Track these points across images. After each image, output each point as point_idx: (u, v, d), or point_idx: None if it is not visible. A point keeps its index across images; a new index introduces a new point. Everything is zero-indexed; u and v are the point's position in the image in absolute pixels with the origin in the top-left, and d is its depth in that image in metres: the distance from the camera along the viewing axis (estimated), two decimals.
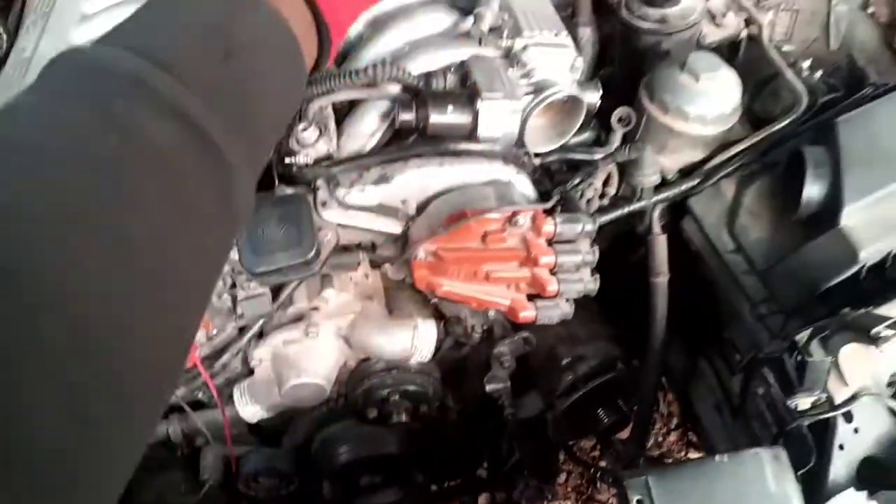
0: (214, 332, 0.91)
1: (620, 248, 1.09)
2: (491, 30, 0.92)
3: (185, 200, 0.36)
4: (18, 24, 1.31)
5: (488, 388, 1.03)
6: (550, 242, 0.84)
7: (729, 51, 1.05)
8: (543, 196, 0.92)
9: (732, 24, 1.03)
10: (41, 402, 0.28)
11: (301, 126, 0.86)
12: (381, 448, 1.08)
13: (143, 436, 0.35)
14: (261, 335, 0.95)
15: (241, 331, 0.94)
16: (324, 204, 0.85)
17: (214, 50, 0.39)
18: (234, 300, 0.91)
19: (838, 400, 0.80)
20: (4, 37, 1.24)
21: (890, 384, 0.82)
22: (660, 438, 1.67)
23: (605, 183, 0.97)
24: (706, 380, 1.04)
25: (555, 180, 0.98)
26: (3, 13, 1.29)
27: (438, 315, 1.00)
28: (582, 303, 0.93)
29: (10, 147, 0.34)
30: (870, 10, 1.04)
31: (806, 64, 0.98)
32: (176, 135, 0.35)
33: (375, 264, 0.95)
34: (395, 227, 0.89)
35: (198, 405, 1.02)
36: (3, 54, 1.22)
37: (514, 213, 0.82)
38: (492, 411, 1.08)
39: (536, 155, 0.94)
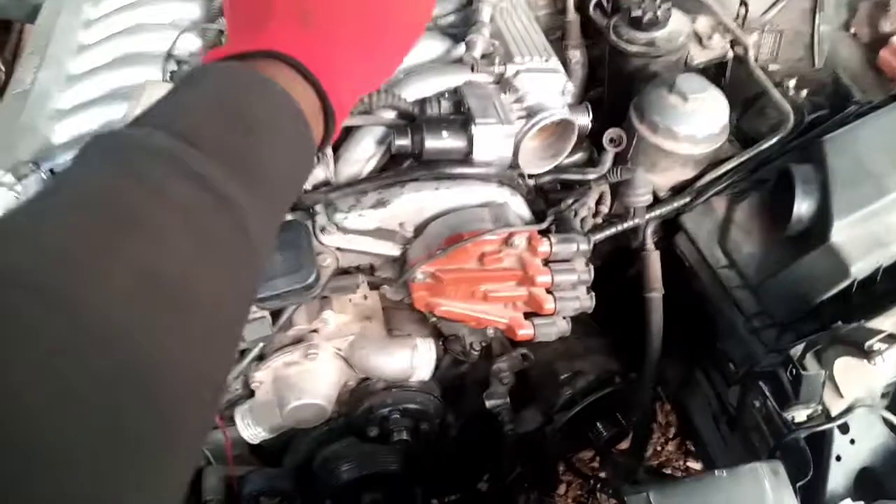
0: None
1: (615, 264, 1.11)
2: (483, 56, 0.95)
3: (208, 243, 0.39)
4: (15, 55, 1.34)
5: (488, 403, 1.04)
6: (546, 262, 0.86)
7: (716, 71, 1.08)
8: (538, 216, 0.94)
9: (718, 46, 1.05)
10: (77, 433, 0.29)
11: None
12: (382, 466, 1.09)
13: (188, 462, 0.37)
14: (261, 357, 0.96)
15: (242, 353, 0.95)
16: (323, 229, 0.87)
17: (236, 127, 0.44)
18: None
19: (834, 412, 0.81)
20: (3, 68, 1.26)
21: (884, 395, 0.83)
22: (658, 448, 1.69)
23: (599, 202, 0.99)
24: (703, 392, 1.06)
25: (549, 200, 1.00)
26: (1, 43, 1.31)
27: (437, 333, 1.01)
28: (579, 318, 0.94)
29: (46, 196, 0.39)
30: (851, 30, 1.06)
31: (791, 83, 1.01)
32: (199, 195, 0.39)
33: (374, 286, 0.96)
34: (393, 250, 0.90)
35: None
36: (2, 85, 1.25)
37: (511, 234, 0.84)
38: (491, 426, 1.10)
39: (530, 176, 0.96)
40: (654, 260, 0.99)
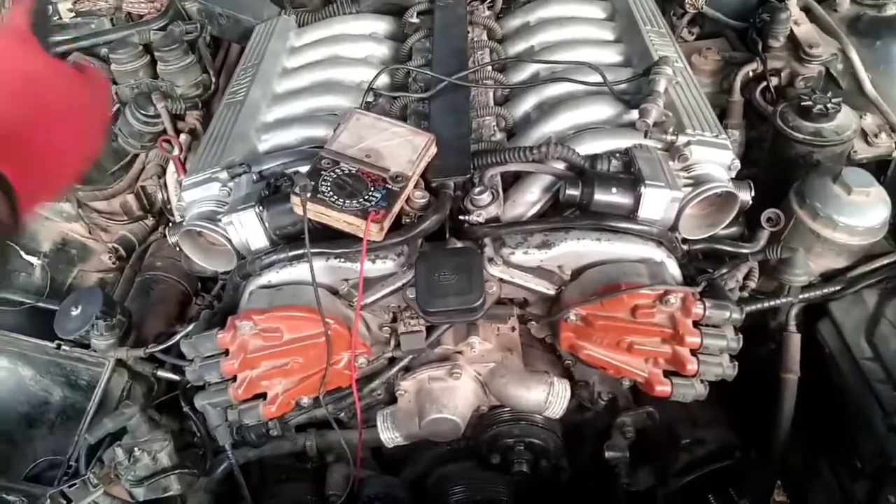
0: (371, 358, 1.01)
1: (745, 340, 1.12)
2: (655, 124, 1.01)
3: None
4: (221, 69, 1.53)
5: (607, 454, 1.07)
6: (696, 324, 0.90)
7: (877, 168, 1.10)
8: (687, 280, 0.98)
9: (884, 144, 1.08)
10: None
11: (477, 190, 0.97)
12: (492, 494, 1.12)
13: None
14: (407, 369, 1.04)
15: (391, 361, 1.04)
16: (490, 260, 0.95)
17: None
18: (393, 333, 1.01)
19: None
20: (214, 79, 1.44)
21: None
22: None
23: (747, 276, 1.02)
24: (826, 482, 1.05)
25: (694, 266, 1.04)
26: (213, 57, 1.51)
27: (567, 377, 1.06)
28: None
29: None
30: None
31: None
32: None
33: (523, 320, 1.03)
34: (549, 289, 0.97)
35: (336, 424, 1.11)
36: (212, 93, 1.43)
37: (667, 292, 0.89)
38: (602, 478, 1.12)
39: (684, 241, 1.01)
40: (795, 342, 1.01)
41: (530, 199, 1.02)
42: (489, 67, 1.22)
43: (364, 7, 1.45)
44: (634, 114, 1.03)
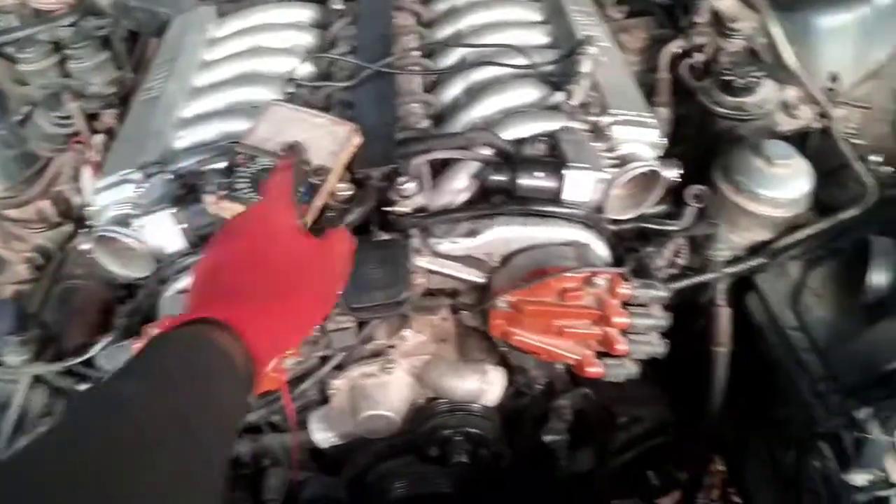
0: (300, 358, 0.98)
1: (677, 317, 1.13)
2: (580, 105, 1.01)
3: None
4: (138, 64, 1.46)
5: (546, 438, 1.07)
6: (624, 305, 0.90)
7: (800, 140, 1.11)
8: (617, 261, 0.98)
9: (805, 116, 1.10)
10: None
11: (402, 179, 0.94)
12: (434, 487, 1.12)
13: None
14: (339, 367, 1.01)
15: (323, 360, 1.01)
16: (417, 251, 0.93)
17: (192, 376, 0.60)
18: (322, 330, 0.98)
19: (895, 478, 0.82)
20: (130, 75, 1.38)
21: None
22: None
23: (675, 254, 1.03)
24: (758, 452, 1.07)
25: (623, 246, 1.04)
26: (129, 55, 1.44)
27: (504, 364, 1.05)
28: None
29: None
30: None
31: (875, 158, 1.03)
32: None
33: (454, 309, 1.01)
34: (479, 277, 0.95)
35: (270, 428, 1.08)
36: (129, 90, 1.36)
37: (593, 274, 0.88)
38: (543, 462, 1.12)
39: (612, 222, 1.01)
40: (725, 315, 1.02)
41: (458, 186, 1.00)
42: (415, 53, 1.20)
43: None
44: (561, 95, 1.03)
